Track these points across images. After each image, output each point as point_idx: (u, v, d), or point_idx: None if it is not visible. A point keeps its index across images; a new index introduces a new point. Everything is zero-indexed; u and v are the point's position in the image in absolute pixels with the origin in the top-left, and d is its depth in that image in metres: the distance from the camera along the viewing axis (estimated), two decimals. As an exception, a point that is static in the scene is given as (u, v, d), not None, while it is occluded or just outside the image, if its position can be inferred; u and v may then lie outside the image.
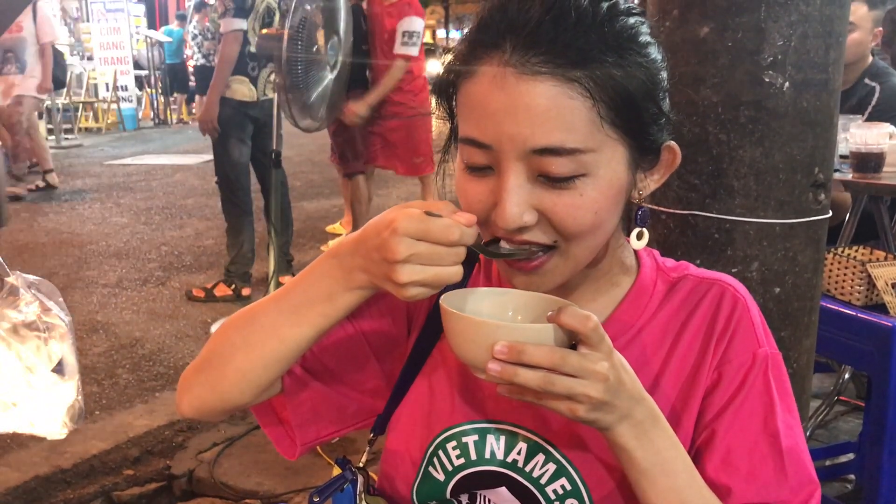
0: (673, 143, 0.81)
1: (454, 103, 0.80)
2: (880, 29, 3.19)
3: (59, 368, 2.21)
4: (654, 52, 0.77)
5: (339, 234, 5.65)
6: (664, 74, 0.78)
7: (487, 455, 0.86)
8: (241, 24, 3.96)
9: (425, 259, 0.71)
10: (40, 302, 2.20)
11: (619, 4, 0.75)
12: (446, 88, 0.80)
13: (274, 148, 3.73)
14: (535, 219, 0.74)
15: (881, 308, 2.04)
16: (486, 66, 0.73)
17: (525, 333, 0.69)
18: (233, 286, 4.27)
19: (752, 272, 1.43)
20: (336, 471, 0.93)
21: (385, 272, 0.72)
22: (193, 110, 13.54)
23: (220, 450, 2.77)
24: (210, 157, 5.56)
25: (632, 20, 0.75)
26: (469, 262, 0.89)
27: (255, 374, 0.82)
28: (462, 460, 0.86)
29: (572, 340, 0.71)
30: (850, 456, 2.58)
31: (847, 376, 2.83)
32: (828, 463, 2.61)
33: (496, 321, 0.73)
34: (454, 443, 0.87)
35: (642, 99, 0.74)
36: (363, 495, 0.92)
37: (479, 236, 0.78)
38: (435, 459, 0.88)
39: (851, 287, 2.08)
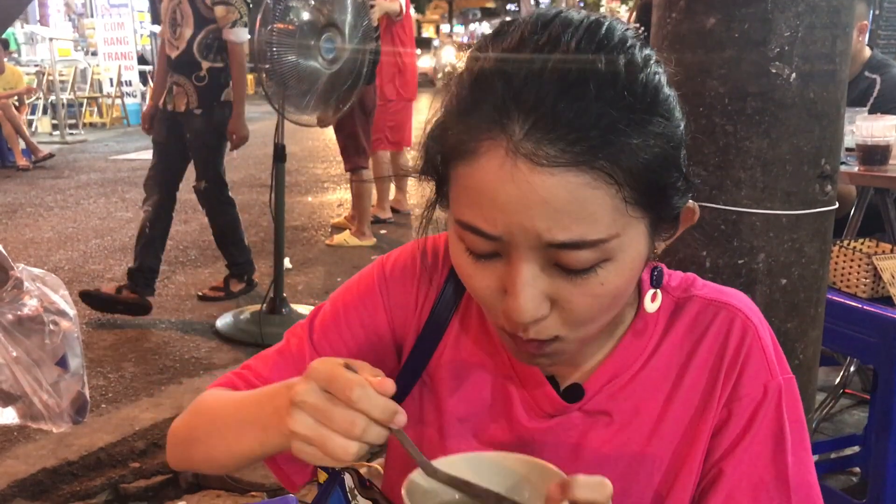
0: (691, 202, 0.72)
1: (443, 173, 0.69)
2: (865, 23, 3.21)
3: (62, 362, 2.21)
4: (675, 105, 0.67)
5: (345, 229, 5.65)
6: (683, 126, 0.68)
7: None
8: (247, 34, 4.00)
9: (320, 415, 0.63)
10: (45, 295, 2.21)
11: (636, 56, 0.64)
12: (434, 158, 0.69)
13: (278, 141, 3.73)
14: (549, 309, 0.67)
15: (887, 300, 2.03)
16: (489, 149, 0.62)
17: None
18: (244, 277, 4.29)
19: (758, 263, 1.43)
20: (321, 475, 0.91)
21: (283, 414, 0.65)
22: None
23: (225, 443, 2.77)
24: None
25: (650, 72, 0.65)
26: (458, 283, 0.84)
27: (216, 467, 0.83)
28: None
29: None
30: (856, 449, 2.58)
31: (853, 369, 2.83)
32: (833, 456, 2.61)
33: None
34: None
35: (666, 170, 0.65)
36: (356, 491, 0.90)
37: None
38: None
39: (857, 279, 2.08)
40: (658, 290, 0.78)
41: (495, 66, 0.64)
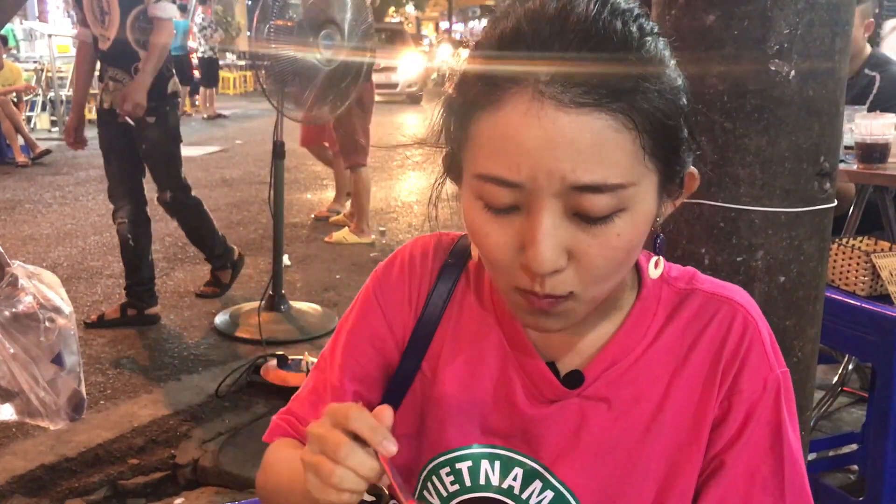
0: (694, 168, 0.76)
1: (460, 133, 0.71)
2: (871, 21, 3.21)
3: (58, 359, 2.20)
4: (678, 74, 0.71)
5: (344, 226, 5.65)
6: (687, 93, 0.72)
7: (482, 481, 0.83)
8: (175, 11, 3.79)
9: (321, 441, 0.68)
10: (40, 292, 2.20)
11: (645, 25, 0.68)
12: (453, 115, 0.72)
13: (277, 138, 3.73)
14: (567, 262, 0.68)
15: (885, 298, 2.04)
16: (514, 95, 0.65)
17: None
18: (228, 263, 4.23)
19: (757, 261, 1.43)
20: None
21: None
22: (197, 102, 13.55)
23: (224, 439, 2.78)
24: (214, 148, 5.56)
25: (658, 39, 0.69)
26: (450, 275, 0.88)
27: None
28: (456, 486, 0.84)
29: None
30: (854, 446, 2.58)
31: (851, 367, 2.83)
32: (831, 454, 2.61)
33: None
34: (448, 468, 0.84)
35: (677, 120, 0.69)
36: None
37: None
38: (429, 484, 0.86)
39: (856, 277, 2.08)
40: (661, 258, 0.80)
41: (519, 24, 0.67)
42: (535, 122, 0.64)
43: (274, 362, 3.19)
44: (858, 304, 2.05)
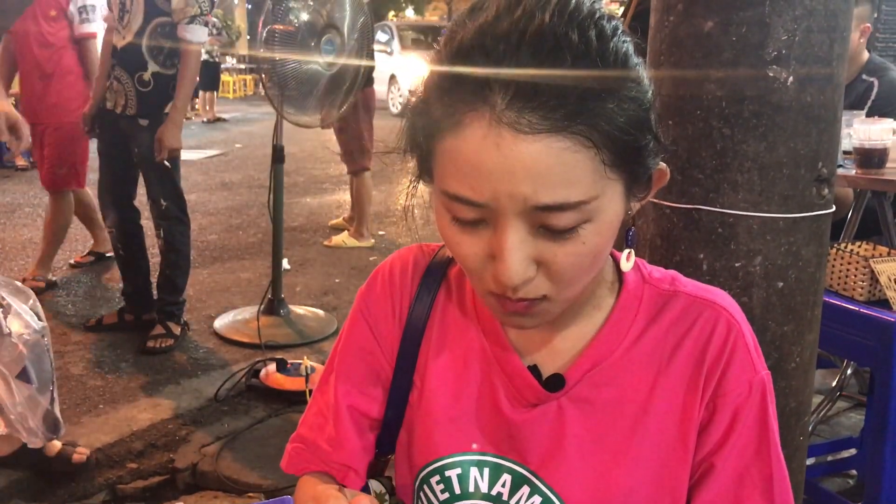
0: (662, 164, 0.75)
1: (426, 147, 0.71)
2: (868, 25, 3.21)
3: (24, 376, 2.15)
4: (643, 72, 0.70)
5: (343, 230, 5.66)
6: (651, 92, 0.71)
7: (471, 488, 0.83)
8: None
9: None
10: (9, 306, 2.15)
11: (605, 27, 0.66)
12: (417, 134, 0.72)
13: (276, 142, 3.73)
14: (535, 271, 0.70)
15: (884, 304, 2.04)
16: (472, 121, 0.64)
17: None
18: (180, 318, 3.76)
19: (755, 266, 1.43)
20: None
21: None
22: (197, 106, 13.56)
23: (223, 444, 2.78)
24: (214, 152, 5.55)
25: (619, 41, 0.67)
26: (431, 285, 0.89)
27: None
28: (447, 495, 0.84)
29: None
30: (853, 451, 2.59)
31: (849, 372, 2.84)
32: (830, 458, 2.62)
33: None
34: (437, 477, 0.85)
35: (638, 131, 0.68)
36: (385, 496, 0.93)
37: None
38: (422, 494, 0.87)
39: (854, 282, 2.09)
40: (632, 251, 0.80)
41: (474, 40, 0.66)
42: (494, 148, 0.64)
43: (273, 366, 3.19)
44: (857, 309, 2.05)
